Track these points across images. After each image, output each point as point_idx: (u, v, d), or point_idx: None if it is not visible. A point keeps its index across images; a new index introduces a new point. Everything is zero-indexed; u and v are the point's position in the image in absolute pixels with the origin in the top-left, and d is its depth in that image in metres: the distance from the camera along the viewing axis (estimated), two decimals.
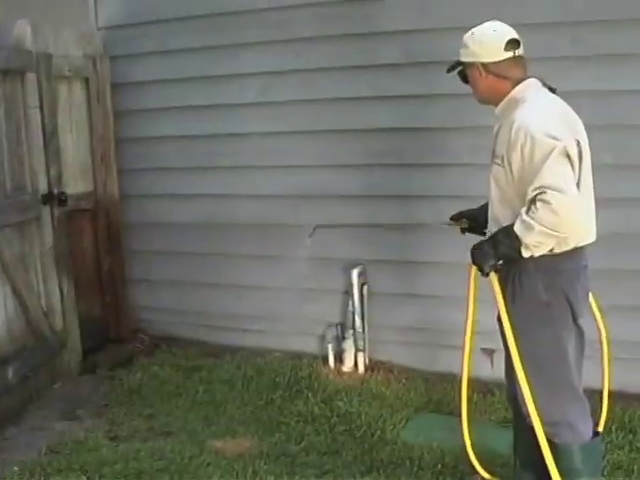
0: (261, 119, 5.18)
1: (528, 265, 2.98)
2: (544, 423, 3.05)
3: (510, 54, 3.04)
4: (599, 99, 4.30)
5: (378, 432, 4.19)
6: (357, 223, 4.96)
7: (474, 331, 3.55)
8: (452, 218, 3.58)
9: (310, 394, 4.64)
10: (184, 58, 5.35)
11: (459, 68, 3.20)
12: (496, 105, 3.13)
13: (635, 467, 3.75)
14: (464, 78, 3.20)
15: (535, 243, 2.87)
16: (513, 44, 3.05)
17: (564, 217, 2.79)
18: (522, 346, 3.04)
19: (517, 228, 2.88)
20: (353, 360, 5.04)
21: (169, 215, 5.62)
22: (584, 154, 2.95)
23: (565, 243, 2.93)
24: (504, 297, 3.08)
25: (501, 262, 3.03)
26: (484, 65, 3.06)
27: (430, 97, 4.71)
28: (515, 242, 2.90)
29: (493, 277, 3.06)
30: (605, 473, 3.69)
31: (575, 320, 3.08)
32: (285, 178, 5.18)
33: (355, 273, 4.96)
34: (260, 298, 5.37)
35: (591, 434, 3.14)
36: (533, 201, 2.83)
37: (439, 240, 4.77)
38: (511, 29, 3.08)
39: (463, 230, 3.54)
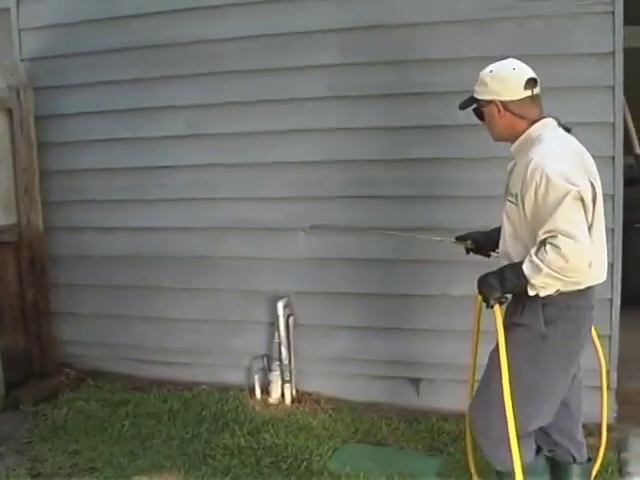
0: (188, 152, 5.19)
1: (536, 300, 2.99)
2: (486, 444, 3.22)
3: (529, 93, 3.06)
4: None
5: (305, 463, 4.18)
6: (282, 256, 5.02)
7: (477, 363, 3.58)
8: (458, 238, 3.60)
9: (236, 427, 4.62)
10: (110, 90, 5.34)
11: (474, 105, 3.19)
12: (512, 143, 3.14)
13: None
14: (480, 115, 3.19)
15: (542, 284, 2.90)
16: (532, 83, 3.07)
17: (572, 263, 2.82)
18: (496, 363, 3.05)
19: (525, 268, 2.90)
20: (280, 391, 5.04)
21: (95, 248, 5.56)
22: (598, 196, 2.99)
23: (571, 285, 2.95)
24: (505, 327, 3.07)
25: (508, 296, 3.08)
26: (503, 103, 3.06)
27: (349, 130, 4.81)
28: (522, 280, 2.92)
29: (497, 310, 3.06)
30: None
31: (571, 362, 3.11)
32: (211, 210, 5.18)
33: (281, 305, 4.97)
34: (187, 331, 5.34)
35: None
36: (543, 243, 2.87)
37: (364, 272, 4.86)
38: (528, 67, 3.12)
39: (468, 250, 3.58)
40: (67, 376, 5.56)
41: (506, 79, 3.07)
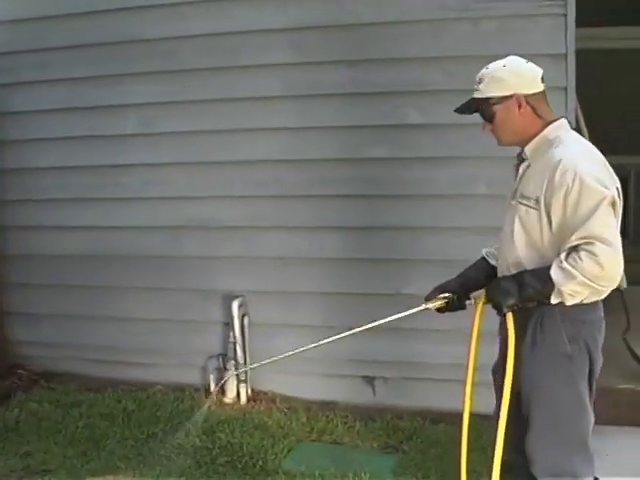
0: (144, 150, 5.17)
1: (553, 313, 2.85)
2: (547, 472, 2.96)
3: (543, 87, 2.96)
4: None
5: (260, 462, 4.18)
6: (237, 255, 5.02)
7: (476, 367, 3.38)
8: (427, 299, 3.23)
9: (192, 426, 4.60)
10: (66, 88, 5.29)
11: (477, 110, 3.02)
12: (523, 145, 2.98)
13: None
14: (490, 116, 2.98)
15: (571, 292, 2.75)
16: (543, 77, 2.97)
17: (608, 271, 2.69)
18: (539, 397, 2.94)
19: (554, 274, 2.73)
20: (235, 391, 5.02)
21: (50, 247, 5.50)
22: (620, 202, 2.84)
23: (598, 294, 2.82)
24: (519, 341, 2.92)
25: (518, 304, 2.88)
26: (525, 97, 2.90)
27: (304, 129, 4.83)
28: (547, 287, 2.76)
29: (509, 318, 2.89)
30: None
31: (591, 372, 2.96)
32: (167, 209, 5.16)
33: (236, 304, 4.95)
34: (142, 330, 5.31)
35: None
36: (575, 249, 2.71)
37: (319, 270, 4.87)
38: None
39: (441, 310, 3.22)
40: (20, 377, 5.49)
41: (524, 71, 2.95)
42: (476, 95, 3.00)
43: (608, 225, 2.71)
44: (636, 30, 7.78)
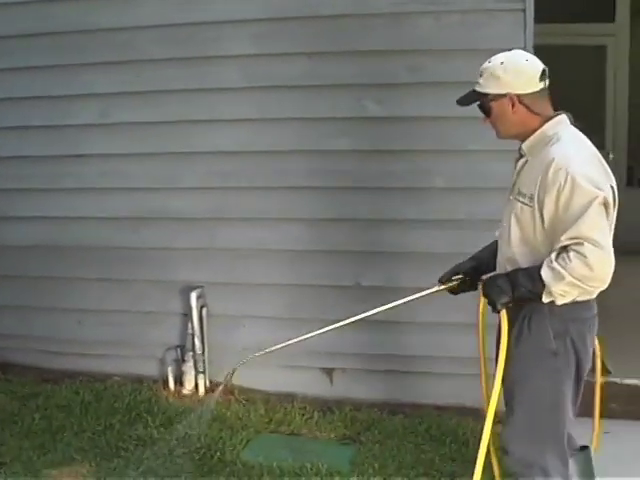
0: (102, 140, 5.12)
1: (542, 309, 2.86)
2: (518, 462, 2.99)
3: (542, 85, 2.91)
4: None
5: (218, 454, 4.17)
6: (197, 246, 5.01)
7: (487, 368, 3.35)
8: (441, 280, 3.26)
9: (150, 418, 4.57)
10: (23, 77, 5.21)
11: (477, 102, 3.01)
12: (522, 140, 2.97)
13: (467, 478, 3.87)
14: (487, 111, 2.99)
15: (561, 292, 2.75)
16: (544, 74, 2.92)
17: (597, 272, 2.69)
18: (520, 390, 2.96)
19: (545, 274, 2.74)
20: (193, 382, 5.01)
21: (7, 237, 5.42)
22: (616, 200, 2.84)
23: (589, 294, 2.84)
24: (508, 337, 2.95)
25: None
26: (518, 97, 2.88)
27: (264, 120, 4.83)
28: (538, 287, 2.77)
29: (503, 315, 2.92)
30: None
31: (579, 371, 2.97)
32: (126, 200, 5.11)
33: (194, 295, 4.94)
34: (100, 322, 5.26)
35: None
36: (565, 249, 2.72)
37: (277, 262, 4.88)
38: (536, 57, 2.98)
39: (454, 292, 3.27)
40: None
41: (521, 70, 2.90)
42: (476, 88, 3.00)
43: (598, 226, 2.71)
44: (593, 27, 7.92)
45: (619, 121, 8.04)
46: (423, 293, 3.28)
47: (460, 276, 3.22)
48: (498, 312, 2.92)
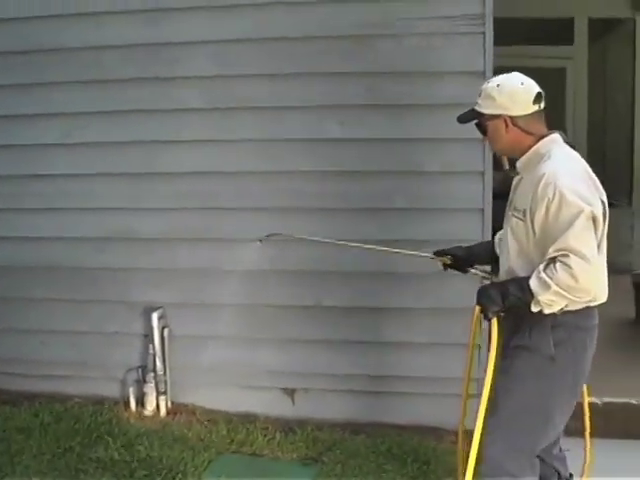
0: (65, 160, 5.07)
1: (545, 318, 2.94)
2: (492, 469, 3.01)
3: (537, 107, 3.02)
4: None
5: (179, 475, 4.14)
6: (158, 266, 4.99)
7: (472, 377, 3.54)
8: (436, 253, 3.55)
9: (110, 439, 4.53)
10: None
11: (475, 120, 3.14)
12: (518, 157, 3.08)
13: None
14: (483, 130, 3.13)
15: (548, 301, 2.85)
16: (539, 97, 3.02)
17: (582, 283, 2.78)
18: (509, 394, 3.03)
19: (533, 283, 2.85)
20: (155, 403, 4.97)
21: None
22: (607, 215, 2.95)
23: (577, 304, 2.91)
24: (508, 342, 3.06)
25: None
26: (512, 119, 3.00)
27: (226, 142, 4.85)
28: (527, 296, 2.87)
29: (494, 324, 3.01)
30: None
31: (576, 382, 3.05)
32: (89, 220, 5.07)
33: (155, 316, 4.91)
34: (62, 343, 5.20)
35: None
36: (553, 260, 2.82)
37: (237, 283, 4.88)
38: (533, 81, 3.07)
39: (445, 266, 3.53)
40: None
41: (515, 94, 3.02)
42: (475, 107, 3.14)
43: (585, 239, 2.81)
44: (552, 49, 8.06)
45: (578, 141, 8.13)
46: (419, 253, 3.63)
47: (450, 257, 3.49)
48: (489, 320, 3.00)
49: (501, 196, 5.40)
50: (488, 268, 3.52)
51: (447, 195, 4.61)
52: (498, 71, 4.27)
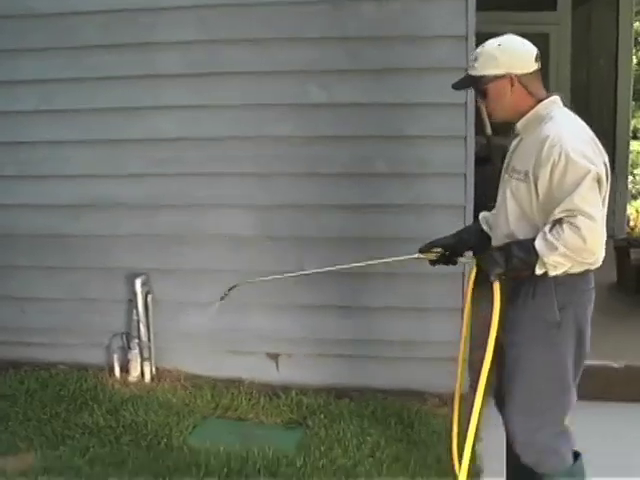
0: (42, 127, 5.04)
1: (548, 281, 2.90)
2: (526, 450, 3.02)
3: (537, 66, 3.00)
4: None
5: (165, 440, 4.19)
6: (139, 232, 4.99)
7: (467, 344, 3.47)
8: (421, 250, 3.37)
9: (95, 406, 4.56)
10: None
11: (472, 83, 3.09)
12: (515, 121, 3.04)
13: (412, 458, 3.99)
14: (483, 94, 3.05)
15: (554, 263, 2.82)
16: (538, 56, 3.01)
17: (590, 244, 2.76)
18: (522, 366, 3.00)
19: (538, 245, 2.81)
20: (139, 369, 4.99)
21: None
22: (608, 176, 2.91)
23: (581, 266, 2.88)
24: (508, 309, 3.01)
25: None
26: (518, 77, 2.96)
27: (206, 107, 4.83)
28: (532, 258, 2.83)
29: (496, 287, 2.96)
30: (384, 466, 3.91)
31: (580, 344, 3.00)
32: (67, 187, 5.05)
33: (138, 282, 4.92)
34: (44, 310, 5.21)
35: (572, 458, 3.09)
36: (559, 221, 2.79)
37: (220, 248, 4.88)
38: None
39: (433, 262, 3.38)
40: None
41: (518, 52, 2.99)
42: (471, 72, 3.07)
43: (591, 199, 2.78)
44: (535, 15, 8.04)
45: None
46: (402, 257, 3.42)
47: (439, 250, 3.34)
48: (491, 284, 2.96)
49: (484, 161, 5.49)
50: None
51: (429, 160, 4.61)
52: (480, 36, 4.30)
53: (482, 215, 3.41)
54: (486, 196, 4.99)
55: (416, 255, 3.38)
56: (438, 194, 4.61)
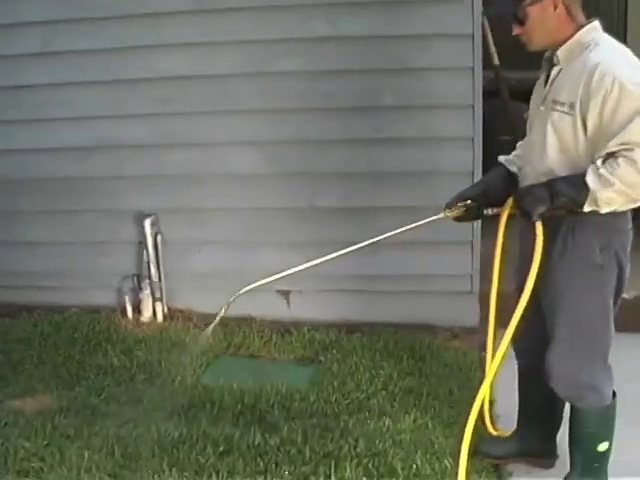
0: (45, 70, 4.96)
1: (587, 221, 2.77)
2: (568, 387, 2.98)
3: None
4: None
5: (179, 378, 4.21)
6: (146, 173, 4.96)
7: (499, 287, 3.24)
8: (448, 206, 3.13)
9: (109, 347, 4.60)
10: None
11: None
12: (554, 49, 2.86)
13: (424, 391, 4.02)
14: (522, 18, 2.83)
15: (607, 200, 2.66)
16: None
17: None
18: (564, 307, 2.92)
19: (591, 180, 2.64)
20: (151, 310, 5.03)
21: None
22: None
23: (633, 203, 2.74)
24: (548, 250, 2.83)
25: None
26: None
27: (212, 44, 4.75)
28: (582, 194, 2.66)
29: (539, 227, 2.77)
30: (397, 399, 3.96)
31: (619, 284, 2.93)
32: (71, 130, 5.00)
33: (148, 223, 4.91)
34: (54, 254, 5.21)
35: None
36: (613, 155, 2.62)
37: (227, 187, 4.86)
38: None
39: (460, 219, 3.15)
40: None
41: None
42: None
43: None
44: None
45: None
46: (427, 220, 3.13)
47: (468, 202, 3.10)
48: (533, 223, 2.80)
49: (492, 94, 5.44)
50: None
51: (437, 92, 4.55)
52: None
53: (504, 158, 3.23)
54: (494, 129, 4.99)
55: (441, 214, 3.12)
56: (446, 126, 4.57)
